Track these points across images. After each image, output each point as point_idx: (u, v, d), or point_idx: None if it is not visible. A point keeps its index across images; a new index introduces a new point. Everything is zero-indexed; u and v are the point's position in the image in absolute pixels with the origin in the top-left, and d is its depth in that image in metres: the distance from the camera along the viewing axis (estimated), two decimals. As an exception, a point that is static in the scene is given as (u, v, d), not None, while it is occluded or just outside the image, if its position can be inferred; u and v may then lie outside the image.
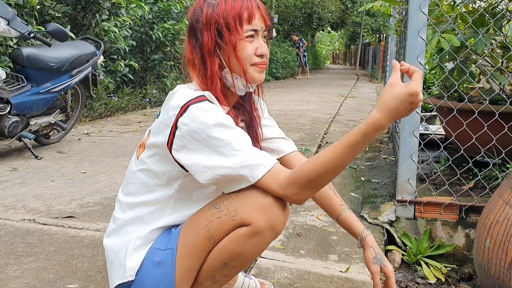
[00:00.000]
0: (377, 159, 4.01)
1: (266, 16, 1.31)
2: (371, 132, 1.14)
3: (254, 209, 1.19)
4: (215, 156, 1.18)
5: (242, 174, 1.18)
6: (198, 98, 1.21)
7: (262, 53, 1.29)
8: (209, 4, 1.27)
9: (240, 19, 1.25)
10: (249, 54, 1.28)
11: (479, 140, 2.42)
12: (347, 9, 28.11)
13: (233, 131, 1.20)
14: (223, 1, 1.26)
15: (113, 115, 6.63)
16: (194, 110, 1.18)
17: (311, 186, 1.19)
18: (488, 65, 2.98)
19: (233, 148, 1.18)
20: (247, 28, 1.26)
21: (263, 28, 1.30)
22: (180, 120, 1.19)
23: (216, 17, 1.25)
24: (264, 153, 1.23)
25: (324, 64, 40.77)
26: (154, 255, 1.28)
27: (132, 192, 1.34)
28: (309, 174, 1.18)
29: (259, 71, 1.31)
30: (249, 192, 1.21)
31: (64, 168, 3.57)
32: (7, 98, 3.58)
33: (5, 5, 3.55)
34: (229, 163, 1.18)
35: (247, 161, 1.18)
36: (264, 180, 1.19)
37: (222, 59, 1.29)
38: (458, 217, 2.36)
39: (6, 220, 2.43)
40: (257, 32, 1.29)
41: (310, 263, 2.02)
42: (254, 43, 1.29)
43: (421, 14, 2.28)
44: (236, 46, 1.26)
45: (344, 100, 9.51)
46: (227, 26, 1.25)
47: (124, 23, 6.44)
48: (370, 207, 2.66)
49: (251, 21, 1.27)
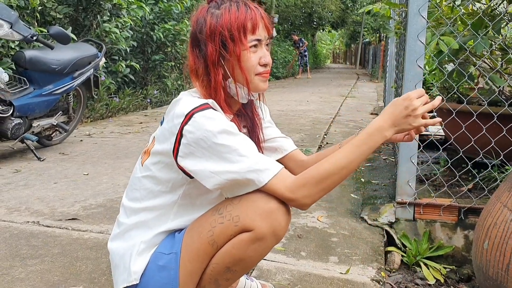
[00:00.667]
0: (377, 160, 4.03)
1: (269, 25, 1.33)
2: (373, 131, 1.24)
3: (256, 214, 1.22)
4: (221, 162, 1.20)
5: (249, 178, 1.20)
6: (202, 106, 1.23)
7: (266, 62, 1.31)
8: (213, 15, 1.29)
9: (244, 29, 1.27)
10: (253, 64, 1.30)
11: (478, 142, 2.45)
12: (347, 8, 28.12)
13: (238, 138, 1.23)
14: (227, 11, 1.27)
15: (114, 115, 6.66)
16: (199, 118, 1.20)
17: (319, 189, 1.22)
18: (487, 67, 3.00)
19: (239, 154, 1.20)
20: (251, 38, 1.28)
21: (266, 37, 1.32)
22: (185, 128, 1.21)
23: (220, 28, 1.27)
24: (269, 158, 1.26)
25: (324, 63, 40.76)
26: (158, 259, 1.31)
27: (136, 197, 1.36)
28: (319, 174, 1.21)
29: (263, 80, 1.34)
30: (252, 197, 1.23)
31: (67, 169, 3.60)
32: (9, 100, 3.61)
33: (8, 8, 3.58)
34: (236, 168, 1.20)
35: (254, 166, 1.20)
36: (271, 183, 1.21)
37: (226, 69, 1.31)
38: (457, 218, 2.38)
39: (10, 222, 2.46)
40: (260, 41, 1.31)
41: (310, 265, 2.04)
42: (258, 53, 1.31)
43: (420, 18, 2.30)
44: (240, 56, 1.28)
45: (345, 100, 9.54)
46: (231, 37, 1.27)
47: (125, 24, 6.47)
48: (370, 209, 2.68)
49: (255, 31, 1.29)
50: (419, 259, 2.30)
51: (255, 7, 1.31)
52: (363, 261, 2.10)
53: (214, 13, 1.29)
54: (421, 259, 2.30)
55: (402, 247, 2.38)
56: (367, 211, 2.65)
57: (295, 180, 1.22)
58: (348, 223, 2.54)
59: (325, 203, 2.86)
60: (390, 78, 5.72)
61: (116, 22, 6.32)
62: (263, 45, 1.32)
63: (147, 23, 7.46)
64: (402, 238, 2.39)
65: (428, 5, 2.38)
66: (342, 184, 3.29)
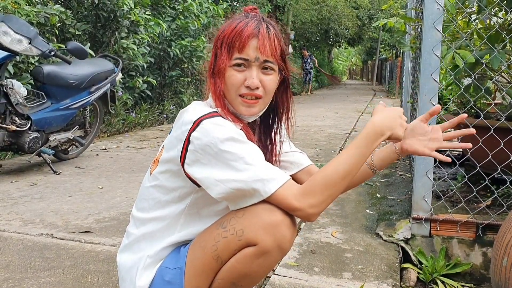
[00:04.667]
0: (393, 176, 3.98)
1: (269, 48, 1.27)
2: (369, 131, 1.26)
3: (260, 228, 1.19)
4: (227, 170, 1.19)
5: (255, 188, 1.18)
6: (211, 113, 1.23)
7: (248, 84, 1.26)
8: (226, 24, 1.30)
9: (232, 46, 1.25)
10: (234, 83, 1.27)
11: (496, 157, 2.40)
12: (364, 25, 28.15)
13: (245, 146, 1.21)
14: (234, 24, 1.27)
15: (130, 130, 6.72)
16: (207, 125, 1.20)
17: (326, 195, 1.20)
18: (504, 81, 2.96)
19: (246, 162, 1.18)
20: (236, 56, 1.26)
21: (259, 59, 1.26)
22: (192, 135, 1.20)
23: (217, 39, 1.29)
24: (276, 168, 1.24)
25: (341, 79, 40.77)
26: (164, 274, 1.29)
27: (145, 207, 1.36)
28: (323, 179, 1.20)
29: (245, 105, 1.29)
30: (256, 210, 1.21)
31: (82, 183, 3.62)
32: (27, 114, 3.67)
33: (28, 24, 3.66)
34: (241, 177, 1.18)
35: (260, 175, 1.18)
36: (277, 194, 1.19)
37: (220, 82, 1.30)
38: (475, 235, 2.32)
39: (24, 234, 2.48)
40: (248, 62, 1.26)
41: (324, 281, 2.01)
42: (245, 73, 1.27)
43: (435, 31, 2.28)
44: (225, 71, 1.27)
45: (361, 115, 9.48)
46: (221, 50, 1.27)
47: (143, 41, 6.56)
48: (386, 224, 2.64)
49: (243, 51, 1.25)
50: (436, 276, 2.25)
51: (267, 28, 1.28)
52: (378, 277, 2.06)
53: (227, 22, 1.30)
54: (438, 276, 2.25)
55: (418, 263, 2.33)
56: (382, 227, 2.60)
57: (300, 189, 1.20)
58: (363, 239, 2.49)
59: (339, 218, 2.82)
60: (406, 93, 5.68)
61: (133, 38, 6.42)
62: (254, 67, 1.27)
63: (164, 39, 7.55)
64: (418, 254, 2.34)
65: (444, 19, 2.36)
66: (357, 200, 3.25)
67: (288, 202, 1.19)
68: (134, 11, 6.32)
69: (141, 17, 6.52)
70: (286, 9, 19.24)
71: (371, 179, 3.86)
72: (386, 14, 16.87)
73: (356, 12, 26.28)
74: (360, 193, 3.45)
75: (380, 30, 25.88)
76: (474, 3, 2.63)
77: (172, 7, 7.94)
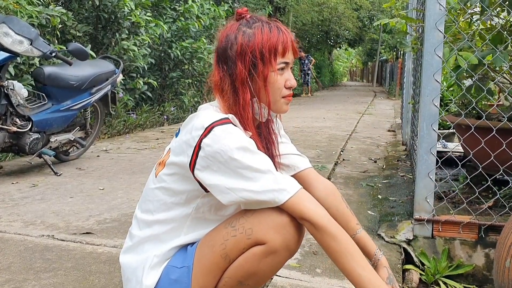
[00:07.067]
0: (395, 177, 3.97)
1: (297, 48, 1.34)
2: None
3: (269, 227, 1.20)
4: (238, 179, 1.19)
5: (265, 199, 1.19)
6: (223, 120, 1.22)
7: (291, 85, 1.33)
8: (244, 33, 1.28)
9: (275, 51, 1.28)
10: (279, 86, 1.31)
11: (498, 158, 2.39)
12: (365, 26, 28.16)
13: (256, 156, 1.21)
14: (260, 31, 1.27)
15: (131, 132, 6.71)
16: (219, 132, 1.19)
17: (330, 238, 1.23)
18: (506, 82, 2.96)
19: (256, 172, 1.19)
20: (280, 61, 1.29)
21: (293, 60, 1.34)
22: (203, 141, 1.20)
23: (252, 48, 1.26)
24: (288, 177, 1.24)
25: (341, 81, 40.78)
26: (171, 273, 1.29)
27: (149, 209, 1.35)
28: (333, 245, 1.22)
29: (287, 103, 1.35)
30: (265, 210, 1.22)
31: (83, 184, 3.62)
32: (28, 115, 3.66)
33: (29, 26, 3.65)
34: (252, 187, 1.18)
35: (270, 186, 1.19)
36: (288, 204, 1.20)
37: (253, 89, 1.30)
38: (477, 236, 2.32)
39: (25, 235, 2.47)
40: (288, 64, 1.32)
41: (326, 282, 2.00)
42: (284, 75, 1.32)
43: (437, 32, 2.28)
44: (268, 77, 1.29)
45: (361, 117, 9.48)
46: (262, 58, 1.27)
47: (143, 42, 6.56)
48: (387, 226, 2.63)
49: (285, 54, 1.30)
50: (438, 277, 2.24)
51: (286, 30, 1.31)
52: (380, 279, 2.05)
53: (246, 32, 1.28)
54: (440, 278, 2.24)
55: (420, 265, 2.32)
56: (384, 228, 2.60)
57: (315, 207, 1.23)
58: (365, 240, 2.48)
59: (341, 219, 2.81)
60: (407, 95, 5.67)
61: (134, 40, 6.42)
62: (289, 68, 1.33)
63: (165, 41, 7.55)
64: (420, 255, 2.33)
65: (446, 19, 2.36)
66: (359, 201, 3.24)
67: (300, 212, 1.21)
68: (134, 13, 6.32)
69: (142, 18, 6.52)
70: (287, 11, 19.25)
71: (372, 180, 3.86)
72: (387, 14, 16.87)
73: (357, 13, 26.29)
74: (362, 194, 3.44)
75: (380, 31, 25.90)
76: (476, 3, 2.63)
77: (172, 9, 7.95)
